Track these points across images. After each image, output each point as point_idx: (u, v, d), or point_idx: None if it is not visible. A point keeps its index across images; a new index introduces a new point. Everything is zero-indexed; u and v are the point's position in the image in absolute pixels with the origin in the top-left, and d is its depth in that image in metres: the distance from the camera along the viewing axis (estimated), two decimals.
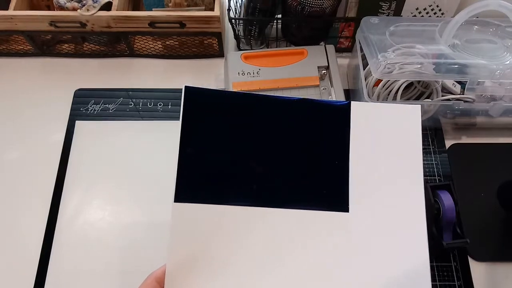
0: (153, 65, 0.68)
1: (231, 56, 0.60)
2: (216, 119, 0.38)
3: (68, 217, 0.54)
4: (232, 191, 0.37)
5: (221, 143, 0.38)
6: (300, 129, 0.38)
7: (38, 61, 0.68)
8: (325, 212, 0.37)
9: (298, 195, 0.38)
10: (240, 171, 0.37)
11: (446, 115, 0.60)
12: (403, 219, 0.37)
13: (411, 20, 0.58)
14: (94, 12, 0.59)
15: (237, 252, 0.37)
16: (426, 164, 0.58)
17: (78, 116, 0.62)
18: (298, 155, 0.38)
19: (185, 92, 0.38)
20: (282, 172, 0.38)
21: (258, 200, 0.37)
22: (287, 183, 0.38)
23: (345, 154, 0.38)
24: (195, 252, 0.36)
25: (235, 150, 0.38)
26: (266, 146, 0.38)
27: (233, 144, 0.38)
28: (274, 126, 0.38)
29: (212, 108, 0.38)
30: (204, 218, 0.37)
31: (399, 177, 0.38)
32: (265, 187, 0.37)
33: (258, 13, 0.62)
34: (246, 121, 0.38)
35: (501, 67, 0.51)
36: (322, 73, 0.59)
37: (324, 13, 0.60)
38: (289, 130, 0.38)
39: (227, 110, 0.38)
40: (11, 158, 0.59)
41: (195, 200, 0.37)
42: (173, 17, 0.60)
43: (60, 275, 0.51)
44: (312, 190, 0.38)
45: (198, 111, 0.38)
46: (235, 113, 0.38)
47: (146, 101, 0.63)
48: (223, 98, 0.38)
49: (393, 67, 0.53)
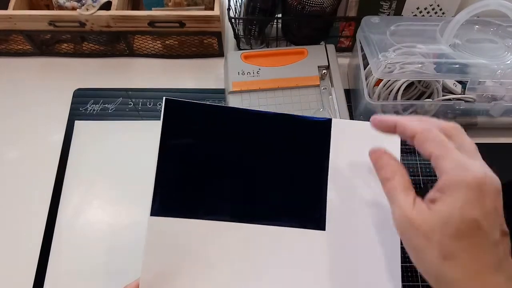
0: (152, 64, 0.67)
1: (231, 55, 0.60)
2: (196, 133, 0.37)
3: (68, 217, 0.54)
4: (209, 206, 0.37)
5: (200, 157, 0.37)
6: (280, 144, 0.38)
7: (37, 61, 0.68)
8: (301, 229, 0.37)
9: (275, 211, 0.37)
10: (218, 186, 0.37)
11: (447, 115, 0.59)
12: (378, 239, 0.37)
13: (411, 20, 0.57)
14: (94, 11, 0.59)
15: (212, 267, 0.36)
16: (426, 164, 0.58)
17: (77, 116, 0.62)
18: (277, 171, 0.37)
19: (165, 104, 0.36)
20: (260, 188, 0.37)
21: (235, 215, 0.37)
22: (264, 199, 0.37)
23: (323, 172, 0.37)
24: (169, 267, 0.35)
25: (214, 164, 0.37)
26: (245, 160, 0.37)
27: (211, 158, 0.37)
28: (253, 140, 0.37)
29: (192, 122, 0.37)
30: (180, 232, 0.36)
31: (376, 197, 0.37)
32: (243, 202, 0.37)
33: (258, 12, 0.62)
34: (226, 135, 0.37)
35: (502, 66, 0.51)
36: (322, 72, 0.59)
37: (324, 12, 0.59)
38: (268, 145, 0.37)
39: (207, 124, 0.37)
40: (10, 158, 0.59)
41: (172, 214, 0.36)
42: (173, 16, 0.60)
43: (59, 275, 0.50)
44: (289, 207, 0.37)
45: (178, 124, 0.37)
46: (215, 126, 0.37)
47: (146, 101, 0.63)
48: (204, 111, 0.37)
49: (394, 67, 0.53)
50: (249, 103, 0.56)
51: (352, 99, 0.62)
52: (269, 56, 0.60)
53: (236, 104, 0.56)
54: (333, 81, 0.58)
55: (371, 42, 0.54)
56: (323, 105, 0.57)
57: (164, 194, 0.36)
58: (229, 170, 0.37)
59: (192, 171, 0.37)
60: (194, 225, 0.36)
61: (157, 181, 0.36)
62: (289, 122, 0.38)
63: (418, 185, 0.56)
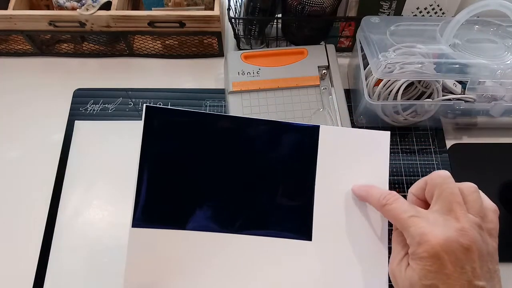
0: (152, 64, 0.67)
1: (231, 55, 0.60)
2: (179, 141, 0.35)
3: (68, 217, 0.54)
4: (194, 216, 0.35)
5: (183, 166, 0.36)
6: (266, 152, 0.36)
7: (37, 61, 0.68)
8: (288, 240, 0.36)
9: (262, 221, 0.36)
10: (203, 195, 0.36)
11: (446, 115, 0.59)
12: (365, 248, 0.36)
13: (411, 20, 0.57)
14: (94, 11, 0.59)
15: (197, 278, 0.35)
16: (426, 164, 0.58)
17: (77, 116, 0.62)
18: (263, 179, 0.36)
19: (146, 112, 0.35)
20: (246, 197, 0.36)
21: (220, 225, 0.36)
22: (251, 208, 0.36)
23: (311, 181, 0.36)
24: (153, 278, 0.35)
25: (198, 173, 0.36)
26: (230, 169, 0.36)
27: (195, 167, 0.36)
28: (239, 149, 0.36)
29: (174, 130, 0.35)
30: (164, 243, 0.35)
31: (363, 207, 0.36)
32: (227, 212, 0.36)
33: (258, 12, 0.62)
34: (210, 143, 0.36)
35: (502, 66, 0.51)
36: (322, 72, 0.59)
37: (324, 12, 0.59)
38: (254, 154, 0.36)
39: (191, 132, 0.36)
40: (10, 158, 0.59)
41: (154, 225, 0.35)
42: (173, 16, 0.60)
43: (59, 275, 0.50)
44: (276, 217, 0.36)
45: (159, 132, 0.35)
46: (198, 134, 0.36)
47: (146, 101, 0.63)
48: (187, 118, 0.35)
49: (394, 67, 0.53)
50: (249, 103, 0.56)
51: (352, 99, 0.62)
52: (269, 56, 0.60)
53: (236, 104, 0.56)
54: (333, 81, 0.58)
55: (371, 42, 0.54)
56: (323, 105, 0.57)
57: (146, 205, 0.35)
58: (214, 179, 0.36)
59: (175, 181, 0.35)
60: (178, 236, 0.35)
61: (138, 191, 0.35)
62: (275, 129, 0.37)
63: None
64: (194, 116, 0.36)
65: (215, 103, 0.63)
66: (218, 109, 0.62)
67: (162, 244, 0.35)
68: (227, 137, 0.36)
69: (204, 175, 0.36)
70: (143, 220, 0.35)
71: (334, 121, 0.56)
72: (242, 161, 0.36)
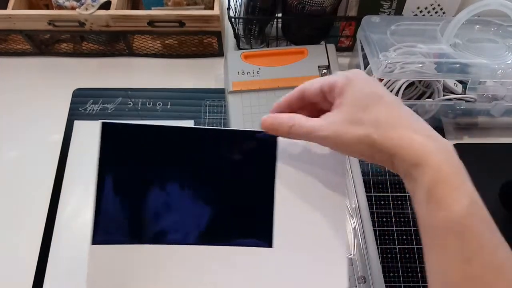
0: (152, 64, 0.67)
1: (231, 55, 0.60)
2: (135, 157, 0.35)
3: (67, 217, 0.54)
4: (154, 230, 0.35)
5: (141, 180, 0.36)
6: (224, 162, 0.36)
7: (36, 61, 0.67)
8: (249, 248, 0.36)
9: (221, 232, 0.36)
10: (162, 208, 0.36)
11: (447, 115, 0.59)
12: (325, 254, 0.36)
13: (412, 19, 0.57)
14: (93, 11, 0.59)
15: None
16: None
17: (76, 116, 0.61)
18: (222, 189, 0.36)
19: (102, 129, 0.35)
20: (205, 208, 0.36)
21: (179, 237, 0.36)
22: (211, 219, 0.36)
23: (270, 189, 0.36)
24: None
25: (157, 187, 0.36)
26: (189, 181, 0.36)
27: (154, 180, 0.36)
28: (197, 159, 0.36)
29: (131, 145, 0.35)
30: (125, 259, 0.35)
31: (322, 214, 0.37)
32: (186, 224, 0.36)
33: (258, 12, 0.61)
34: (168, 156, 0.36)
35: (502, 66, 0.50)
36: (322, 72, 0.59)
37: (324, 12, 0.59)
38: (212, 163, 0.36)
39: (148, 145, 0.35)
40: (9, 158, 0.59)
41: (114, 241, 0.35)
42: (173, 16, 0.60)
43: (59, 275, 0.50)
44: (236, 227, 0.36)
45: (116, 148, 0.35)
46: (156, 148, 0.36)
47: (145, 101, 0.63)
48: (144, 132, 0.35)
49: (394, 67, 0.53)
50: (249, 102, 0.56)
51: None
52: (269, 56, 0.60)
53: (236, 104, 0.56)
54: None
55: (371, 41, 0.53)
56: None
57: (105, 221, 0.35)
58: (173, 191, 0.36)
59: (134, 195, 0.35)
60: (139, 250, 0.35)
61: (97, 208, 0.35)
62: (233, 137, 0.36)
63: None
64: (150, 129, 0.36)
65: (215, 103, 0.62)
66: (218, 109, 0.62)
67: (123, 259, 0.35)
68: (185, 148, 0.36)
69: (163, 188, 0.36)
70: (102, 236, 0.35)
71: None
72: (200, 171, 0.36)
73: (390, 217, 0.54)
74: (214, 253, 0.36)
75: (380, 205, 0.55)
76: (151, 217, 0.36)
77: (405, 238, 0.53)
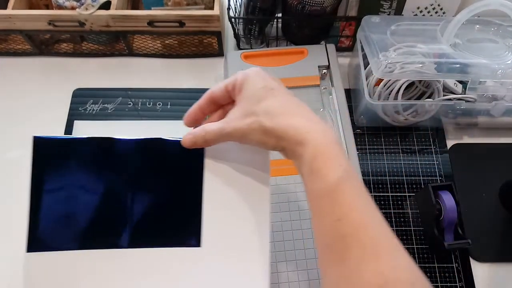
0: (152, 64, 0.67)
1: (231, 55, 0.60)
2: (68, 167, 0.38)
3: None
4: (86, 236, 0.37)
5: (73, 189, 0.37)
6: (152, 168, 0.38)
7: (36, 61, 0.67)
8: (179, 248, 0.38)
9: (153, 234, 0.38)
10: (93, 215, 0.37)
11: (447, 115, 0.59)
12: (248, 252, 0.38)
13: (412, 19, 0.57)
14: (93, 11, 0.59)
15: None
16: (427, 164, 0.58)
17: (76, 116, 0.61)
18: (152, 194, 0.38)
19: (34, 143, 0.38)
20: (136, 213, 0.38)
21: (113, 242, 0.37)
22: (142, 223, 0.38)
23: (198, 191, 0.38)
24: None
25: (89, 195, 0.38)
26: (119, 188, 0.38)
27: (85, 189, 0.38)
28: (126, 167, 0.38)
29: (63, 156, 0.38)
30: (59, 265, 0.37)
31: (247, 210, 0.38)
32: (119, 228, 0.37)
33: (258, 12, 0.61)
34: (99, 165, 0.38)
35: (502, 66, 0.51)
36: (322, 72, 0.59)
37: (324, 12, 0.59)
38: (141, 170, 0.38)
39: (78, 157, 0.38)
40: (9, 158, 0.59)
41: (48, 248, 0.37)
42: (173, 16, 0.60)
43: None
44: (165, 229, 0.38)
45: (49, 160, 0.37)
46: (85, 158, 0.38)
47: (145, 101, 0.63)
48: (75, 145, 0.38)
49: (394, 67, 0.53)
50: None
51: (352, 99, 0.62)
52: (269, 56, 0.60)
53: None
54: (334, 81, 0.58)
55: (371, 41, 0.53)
56: (323, 105, 0.57)
57: (39, 229, 0.37)
58: (104, 199, 0.38)
59: (67, 203, 0.37)
60: (73, 256, 0.37)
61: (31, 217, 0.36)
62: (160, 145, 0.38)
63: (419, 185, 0.56)
64: (82, 142, 0.38)
65: None
66: None
67: (58, 266, 0.37)
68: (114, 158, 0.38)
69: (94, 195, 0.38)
70: (37, 244, 0.37)
71: (334, 121, 0.56)
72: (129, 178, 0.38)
73: (390, 217, 0.54)
74: (143, 256, 0.37)
75: (380, 205, 0.55)
76: (83, 223, 0.37)
77: (405, 238, 0.53)
